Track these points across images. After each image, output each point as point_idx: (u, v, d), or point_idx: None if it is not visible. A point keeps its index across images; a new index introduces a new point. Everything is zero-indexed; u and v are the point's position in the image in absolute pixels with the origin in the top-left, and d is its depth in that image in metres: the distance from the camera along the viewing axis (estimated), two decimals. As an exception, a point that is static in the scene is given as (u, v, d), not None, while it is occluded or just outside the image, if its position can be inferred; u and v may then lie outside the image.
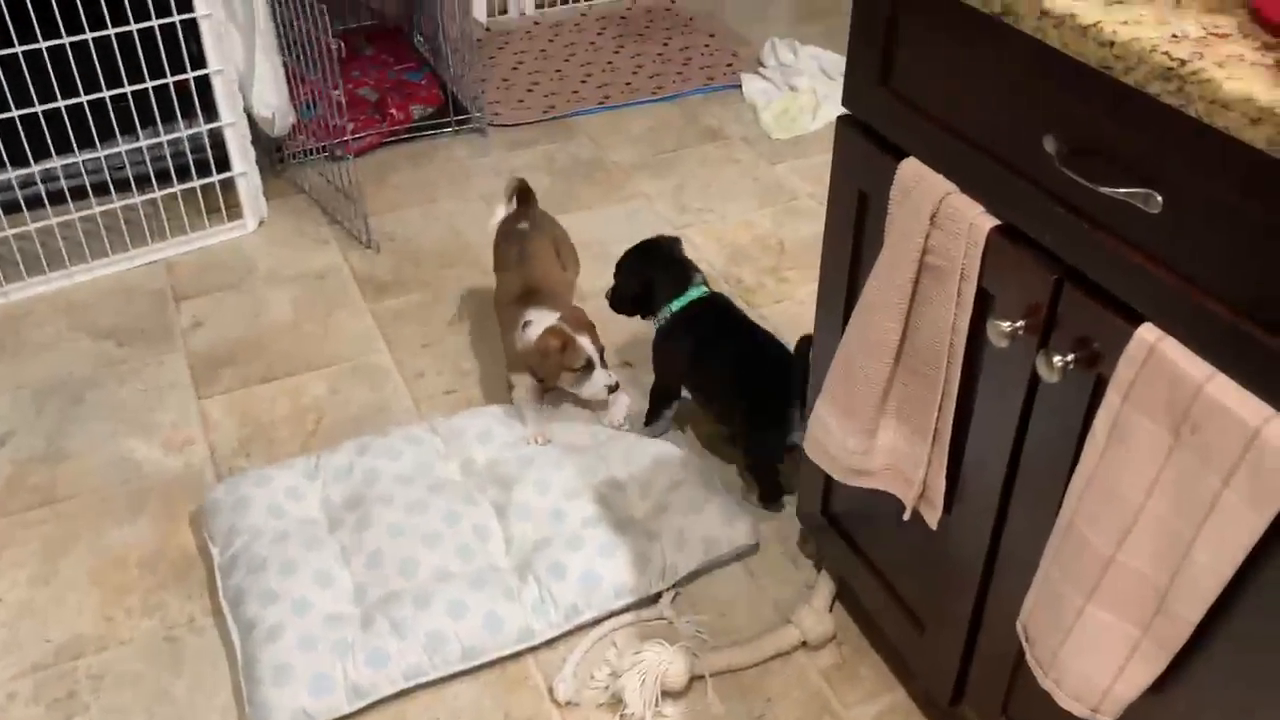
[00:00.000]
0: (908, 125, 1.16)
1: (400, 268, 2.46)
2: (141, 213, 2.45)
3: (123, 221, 2.44)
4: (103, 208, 2.38)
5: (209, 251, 2.51)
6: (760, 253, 2.50)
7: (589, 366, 1.84)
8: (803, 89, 3.14)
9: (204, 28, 2.30)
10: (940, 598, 1.35)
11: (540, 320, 1.87)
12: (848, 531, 1.54)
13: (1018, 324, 1.05)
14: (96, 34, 2.18)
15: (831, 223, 1.34)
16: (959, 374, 1.16)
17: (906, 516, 1.30)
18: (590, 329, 1.88)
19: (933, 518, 1.28)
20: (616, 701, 1.52)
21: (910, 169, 1.15)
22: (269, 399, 2.09)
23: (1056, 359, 1.00)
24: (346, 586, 1.61)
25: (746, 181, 2.78)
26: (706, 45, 3.47)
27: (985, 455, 1.18)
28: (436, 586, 1.58)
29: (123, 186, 2.43)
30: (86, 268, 2.41)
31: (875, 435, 1.30)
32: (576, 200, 2.70)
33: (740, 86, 3.21)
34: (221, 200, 2.52)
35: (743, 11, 3.74)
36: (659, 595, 1.66)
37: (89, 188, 2.38)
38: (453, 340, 2.24)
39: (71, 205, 2.37)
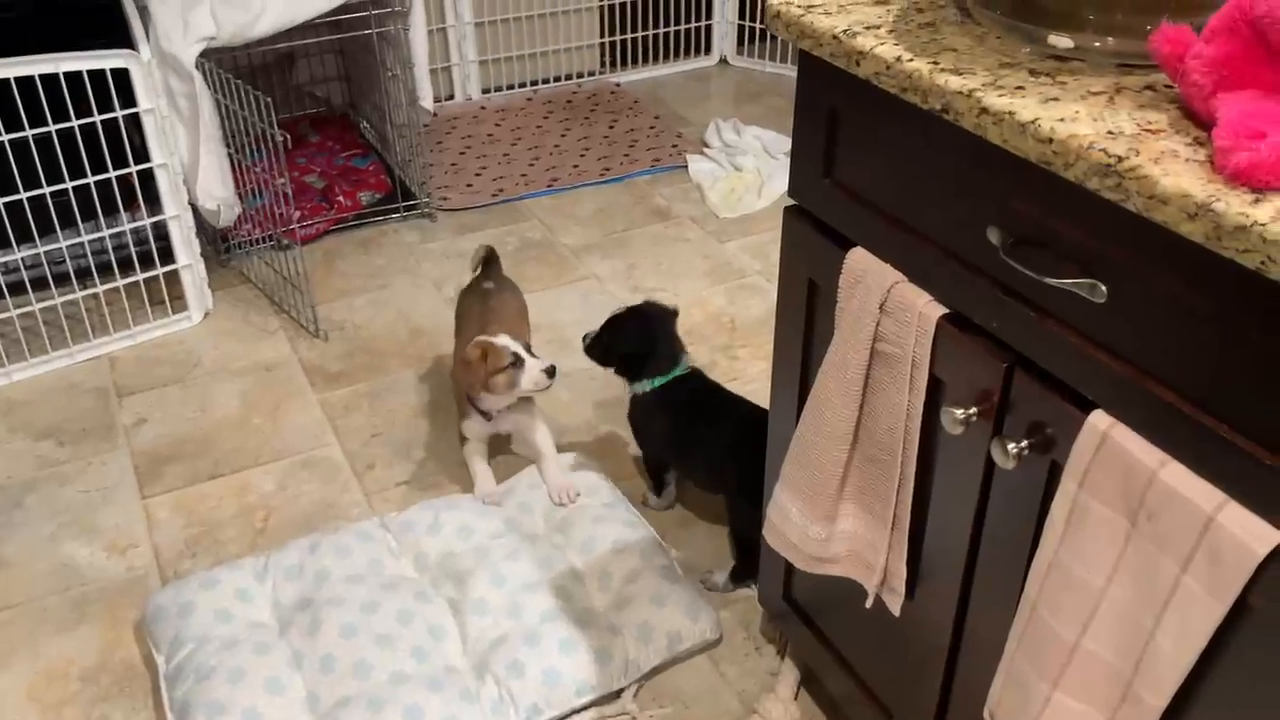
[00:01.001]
0: (853, 216, 1.18)
1: (350, 357, 2.43)
2: (83, 307, 2.41)
3: (63, 317, 2.39)
4: (43, 304, 2.34)
5: (153, 345, 2.47)
6: (713, 331, 2.51)
7: (518, 362, 1.86)
8: (747, 168, 3.19)
9: (147, 122, 2.29)
10: (906, 685, 1.33)
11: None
12: (811, 617, 1.53)
13: (971, 411, 1.06)
14: (37, 130, 2.16)
15: (782, 310, 1.35)
16: (915, 460, 1.16)
17: (869, 604, 1.29)
18: (512, 334, 1.92)
19: (895, 604, 1.27)
20: (581, 803, 1.48)
21: (857, 259, 1.16)
22: (216, 497, 2.04)
23: (1011, 445, 1.01)
24: (299, 693, 1.55)
25: (697, 260, 2.80)
26: (652, 127, 3.52)
27: (945, 540, 1.18)
28: (392, 690, 1.53)
29: (63, 281, 2.39)
30: (25, 365, 2.35)
31: (835, 521, 1.29)
32: (528, 282, 2.69)
33: (686, 167, 3.25)
34: (166, 292, 2.49)
35: (684, 94, 3.81)
36: (620, 690, 1.63)
37: (28, 283, 2.34)
38: (404, 430, 2.21)
39: (10, 301, 2.32)
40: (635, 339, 1.89)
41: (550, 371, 1.87)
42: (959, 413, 1.05)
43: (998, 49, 1.03)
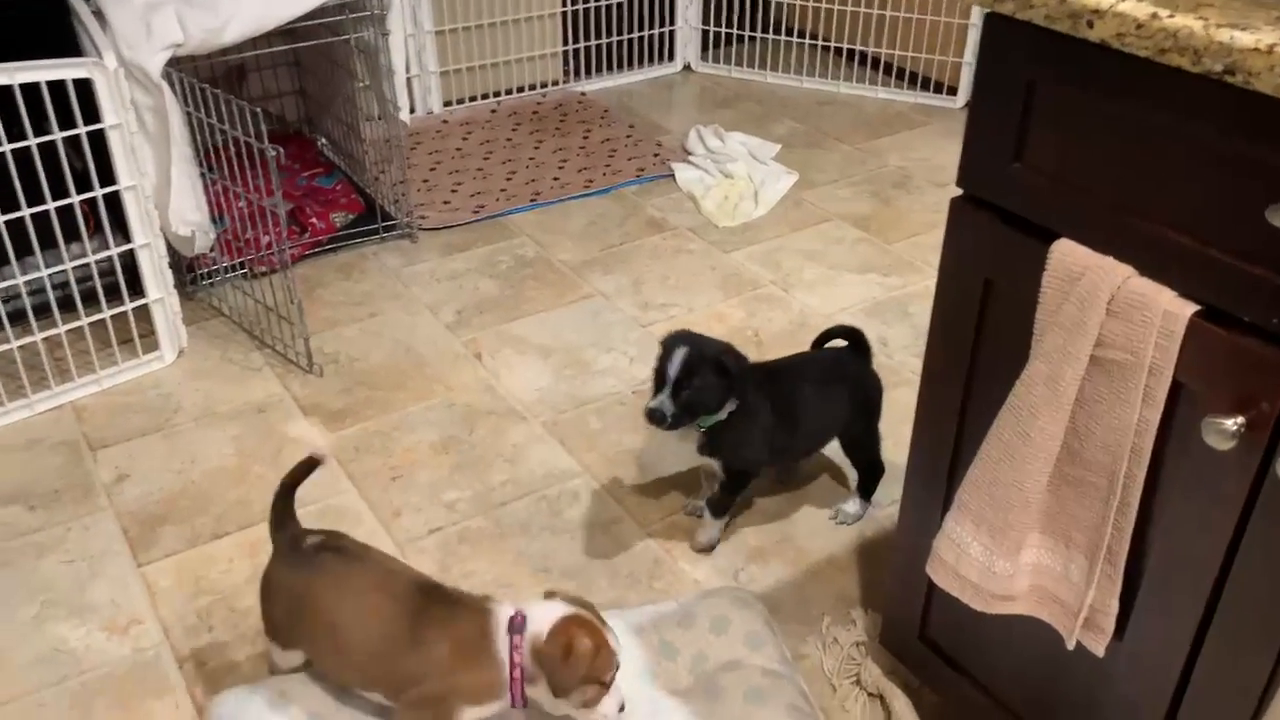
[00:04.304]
0: (1057, 204, 1.03)
1: (351, 392, 2.20)
2: (42, 350, 2.12)
3: (19, 363, 2.10)
4: (-4, 349, 2.05)
5: (123, 390, 2.20)
6: (738, 345, 2.32)
7: (612, 680, 1.31)
8: (738, 175, 3.05)
9: (113, 139, 2.03)
10: (1103, 732, 1.18)
11: (543, 612, 1.30)
12: (956, 658, 1.37)
13: (1239, 421, 0.91)
14: (-11, 151, 1.89)
15: (943, 316, 1.19)
16: (1142, 481, 1.02)
17: (1070, 646, 1.13)
18: (604, 621, 1.34)
19: (1099, 644, 1.12)
20: None
21: (1069, 252, 1.01)
22: (224, 559, 1.79)
23: (1306, 459, 0.87)
24: None
25: (705, 272, 2.64)
26: (628, 136, 3.35)
27: (1178, 570, 1.03)
28: None
29: (18, 320, 2.11)
30: (-23, 420, 2.07)
31: (1020, 553, 1.14)
32: (529, 303, 2.50)
33: (673, 176, 3.09)
34: (134, 330, 2.22)
35: (652, 102, 3.66)
36: None
37: (-22, 327, 2.06)
38: (425, 469, 1.99)
39: (-43, 349, 2.04)
40: (720, 376, 1.65)
41: (621, 708, 1.33)
42: (1228, 423, 0.91)
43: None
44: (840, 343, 1.88)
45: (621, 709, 1.32)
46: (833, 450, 1.91)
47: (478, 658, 1.29)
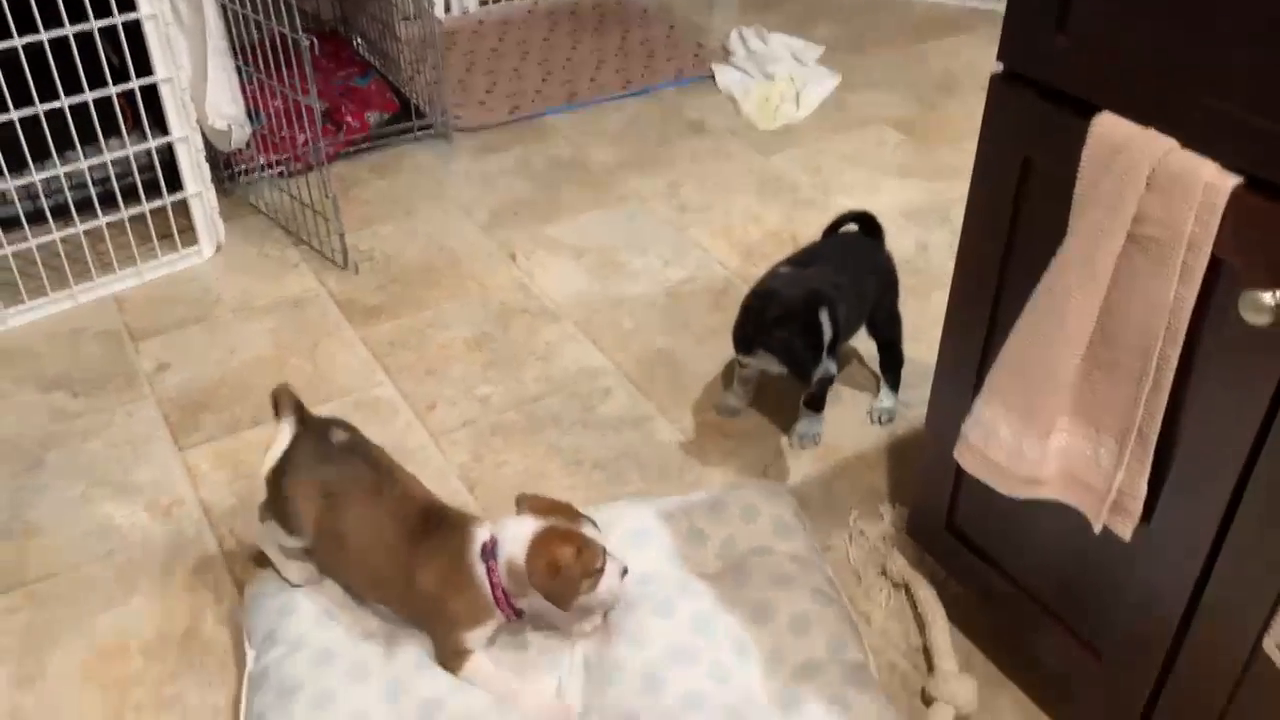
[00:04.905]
0: (1098, 75, 1.00)
1: (386, 289, 2.21)
2: (84, 243, 2.15)
3: (62, 255, 2.13)
4: (39, 239, 2.08)
5: (163, 283, 2.23)
6: (775, 248, 2.32)
7: (604, 564, 1.33)
8: (780, 76, 2.99)
9: (149, 30, 2.03)
10: (1129, 620, 1.18)
11: (512, 532, 1.32)
12: (983, 548, 1.37)
13: (1277, 294, 0.89)
14: (27, 39, 1.89)
15: (979, 196, 1.17)
16: (1176, 361, 1.00)
17: (1097, 529, 1.13)
18: (578, 514, 1.37)
19: (1127, 528, 1.11)
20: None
21: (1110, 125, 0.98)
22: (262, 445, 1.80)
23: (1344, 334, 0.85)
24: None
25: (743, 175, 2.61)
26: (668, 37, 3.29)
27: (1208, 452, 1.02)
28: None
29: (59, 214, 2.13)
30: (24, 309, 2.10)
31: (1049, 437, 1.13)
32: (565, 205, 2.49)
33: (713, 77, 3.04)
34: (173, 224, 2.24)
35: (692, 3, 3.59)
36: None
37: (22, 217, 2.08)
38: (459, 364, 2.01)
39: (2, 238, 2.07)
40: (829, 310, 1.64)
41: (624, 573, 1.37)
42: (1266, 297, 0.89)
43: None
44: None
45: (624, 573, 1.35)
46: (853, 358, 1.90)
47: (460, 583, 1.32)
